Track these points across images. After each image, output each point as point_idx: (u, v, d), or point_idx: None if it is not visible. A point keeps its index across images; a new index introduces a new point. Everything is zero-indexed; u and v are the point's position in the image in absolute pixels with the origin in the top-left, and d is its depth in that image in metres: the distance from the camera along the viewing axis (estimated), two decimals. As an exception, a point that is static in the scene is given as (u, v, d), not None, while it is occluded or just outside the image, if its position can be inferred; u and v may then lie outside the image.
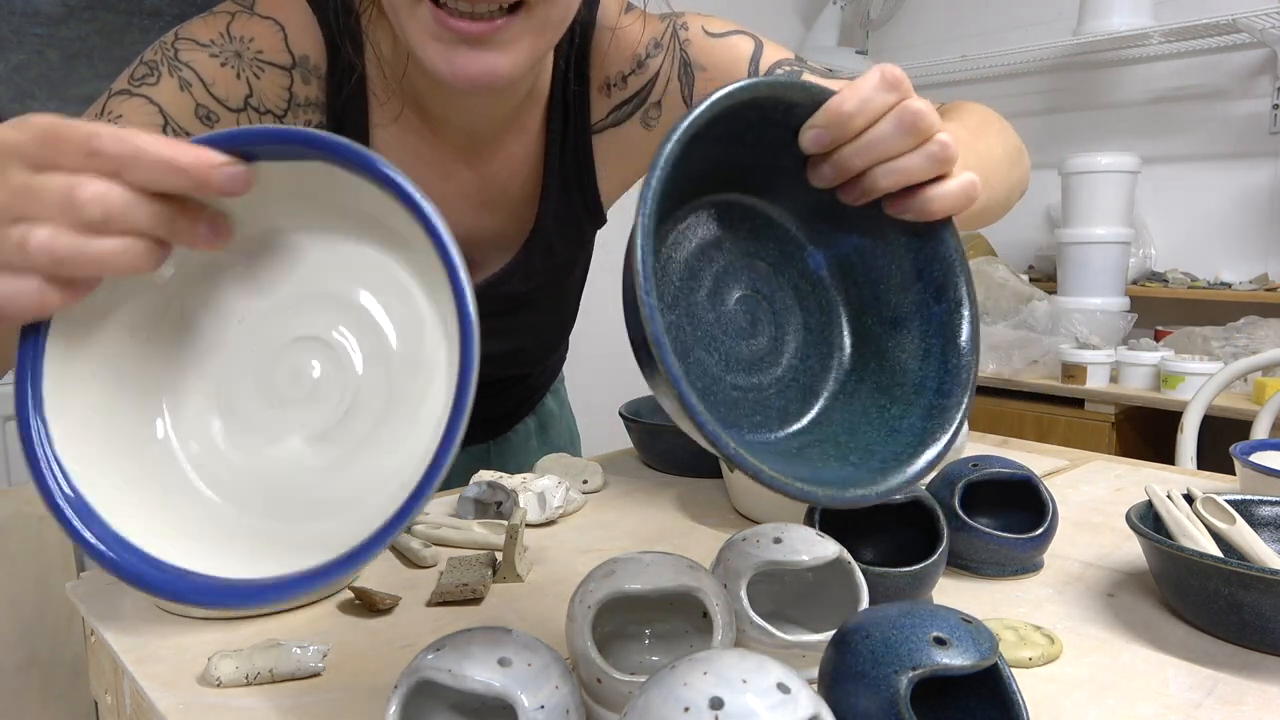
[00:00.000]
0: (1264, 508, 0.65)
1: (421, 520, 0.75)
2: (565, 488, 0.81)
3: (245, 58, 0.65)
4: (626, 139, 0.78)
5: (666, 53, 0.74)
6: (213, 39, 0.64)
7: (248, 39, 0.65)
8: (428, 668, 0.39)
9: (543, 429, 1.05)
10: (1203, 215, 2.33)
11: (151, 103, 0.62)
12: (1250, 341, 1.97)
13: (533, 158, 0.77)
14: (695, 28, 0.75)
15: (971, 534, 0.65)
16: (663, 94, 0.76)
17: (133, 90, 0.62)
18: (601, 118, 0.77)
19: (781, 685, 0.34)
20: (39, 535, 1.54)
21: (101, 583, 0.66)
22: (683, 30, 0.75)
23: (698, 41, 0.75)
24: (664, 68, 0.75)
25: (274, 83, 0.67)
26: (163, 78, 0.63)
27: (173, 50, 0.64)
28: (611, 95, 0.77)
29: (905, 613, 0.42)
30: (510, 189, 0.77)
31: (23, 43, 1.65)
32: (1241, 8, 2.02)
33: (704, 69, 0.74)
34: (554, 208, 0.79)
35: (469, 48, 0.57)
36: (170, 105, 0.63)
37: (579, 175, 0.78)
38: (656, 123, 0.77)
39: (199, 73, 0.64)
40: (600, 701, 0.45)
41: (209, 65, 0.64)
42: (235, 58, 0.65)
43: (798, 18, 2.92)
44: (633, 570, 0.47)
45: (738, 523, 0.79)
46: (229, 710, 0.49)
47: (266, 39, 0.66)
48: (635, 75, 0.75)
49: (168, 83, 0.63)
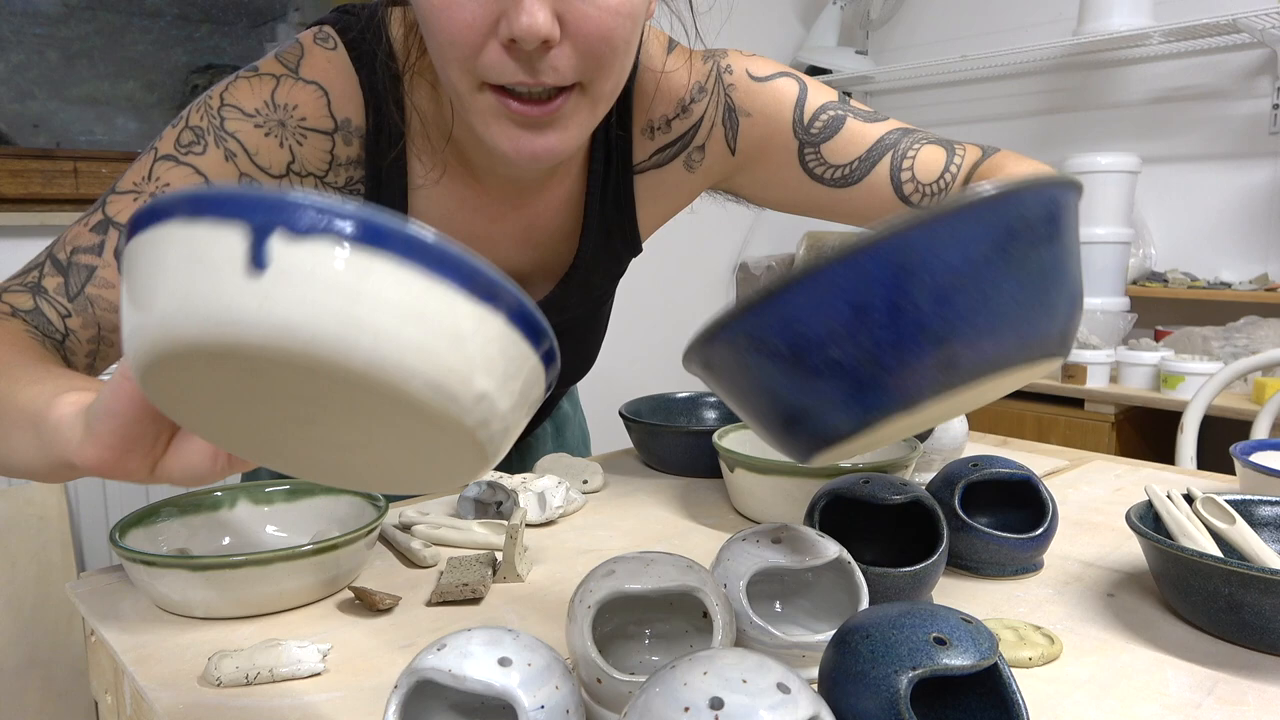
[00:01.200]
0: (1264, 508, 0.65)
1: (421, 520, 0.75)
2: (565, 488, 0.81)
3: (289, 126, 0.66)
4: (668, 179, 0.79)
5: (711, 97, 0.75)
6: (258, 108, 0.65)
7: (291, 106, 0.66)
8: (428, 668, 0.39)
9: (558, 431, 1.06)
10: (1203, 215, 2.33)
11: (198, 172, 0.64)
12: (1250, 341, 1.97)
13: (574, 197, 0.77)
14: (740, 70, 0.75)
15: (971, 534, 0.65)
16: (706, 138, 0.77)
17: (179, 158, 0.64)
18: (644, 159, 0.77)
19: (781, 685, 0.34)
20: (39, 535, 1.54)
21: (101, 583, 0.66)
22: (727, 74, 0.75)
23: (742, 86, 0.75)
24: (708, 112, 0.75)
25: (316, 147, 0.68)
26: (209, 147, 0.64)
27: (219, 119, 0.65)
28: (655, 138, 0.77)
29: (905, 613, 0.42)
30: (551, 227, 0.78)
31: (23, 43, 1.65)
32: (1241, 8, 2.02)
33: (749, 114, 0.75)
34: (594, 245, 0.79)
35: (531, 131, 0.59)
36: (215, 175, 0.65)
37: (619, 213, 0.79)
38: (699, 165, 0.78)
39: (244, 144, 0.65)
40: (600, 701, 0.45)
41: (253, 136, 0.65)
42: (279, 126, 0.66)
43: (797, 18, 2.92)
44: (633, 570, 0.47)
45: (738, 523, 0.79)
46: (229, 710, 0.49)
47: (310, 105, 0.67)
48: (680, 119, 0.76)
49: (214, 153, 0.64)
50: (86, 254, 0.62)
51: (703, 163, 0.78)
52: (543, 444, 1.04)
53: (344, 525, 0.70)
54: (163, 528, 0.67)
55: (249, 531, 0.70)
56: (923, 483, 0.72)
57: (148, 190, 0.63)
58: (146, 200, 0.57)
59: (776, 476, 0.75)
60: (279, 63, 0.67)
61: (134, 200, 0.62)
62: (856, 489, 0.61)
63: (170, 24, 1.81)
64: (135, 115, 1.79)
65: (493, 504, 0.80)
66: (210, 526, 0.70)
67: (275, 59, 0.67)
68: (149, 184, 0.63)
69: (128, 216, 0.58)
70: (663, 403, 1.06)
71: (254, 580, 0.59)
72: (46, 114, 1.70)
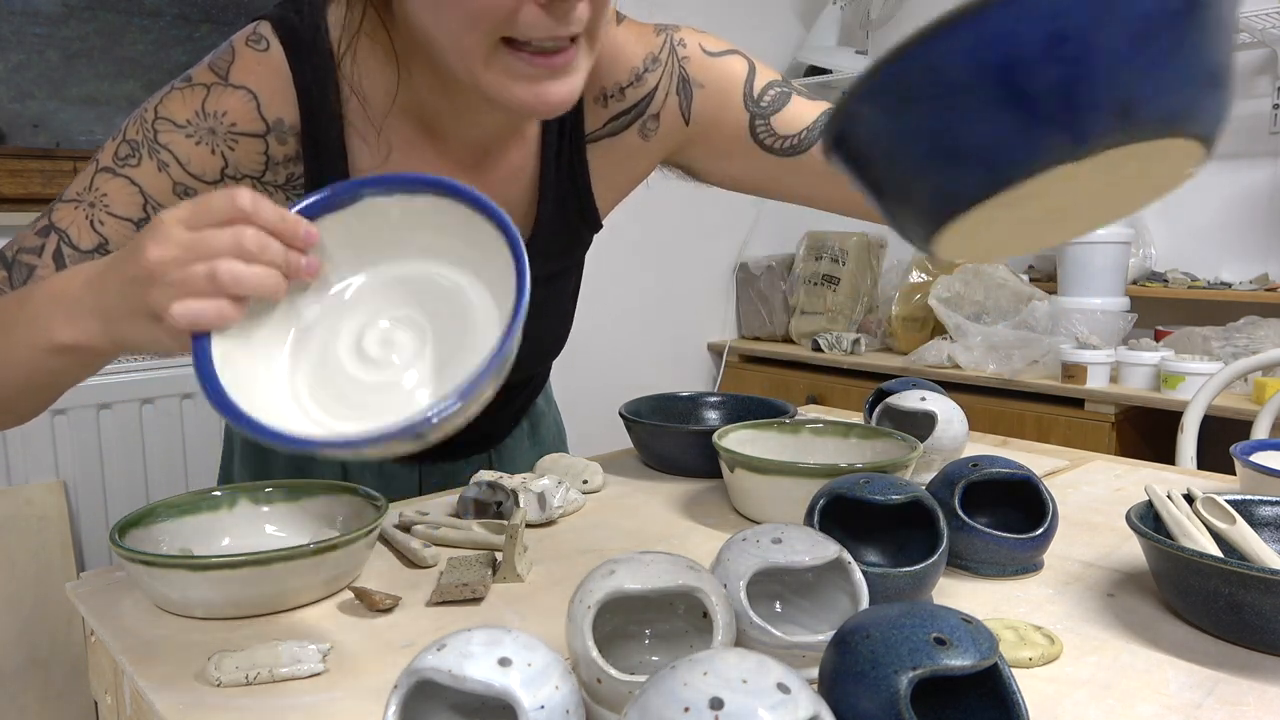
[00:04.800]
0: (1264, 508, 0.65)
1: (421, 520, 0.75)
2: (565, 488, 0.81)
3: (219, 133, 0.68)
4: (623, 148, 0.80)
5: (665, 68, 0.78)
6: (189, 119, 0.68)
7: (220, 114, 0.68)
8: (428, 668, 0.39)
9: (534, 428, 1.06)
10: (1203, 215, 2.33)
11: (133, 183, 0.67)
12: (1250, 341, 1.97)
13: (530, 166, 0.79)
14: (693, 44, 0.79)
15: (971, 534, 0.65)
16: (661, 107, 0.79)
17: (116, 170, 0.68)
18: (597, 127, 0.79)
19: (781, 685, 0.34)
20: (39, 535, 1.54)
21: (101, 583, 0.66)
22: (680, 46, 0.78)
23: (696, 59, 0.78)
24: (662, 82, 0.78)
25: (250, 150, 0.70)
26: (143, 159, 0.67)
27: (152, 131, 0.68)
28: (609, 105, 0.79)
29: (905, 613, 0.42)
30: (510, 197, 0.79)
31: (23, 43, 1.65)
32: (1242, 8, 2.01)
33: (702, 86, 0.79)
34: (550, 214, 0.80)
35: (554, 79, 0.62)
36: (150, 186, 0.68)
37: (574, 182, 0.80)
38: (654, 134, 0.80)
39: (176, 154, 0.67)
40: (600, 701, 0.45)
41: (185, 145, 0.67)
42: (210, 134, 0.68)
43: (797, 18, 2.91)
44: (633, 570, 0.47)
45: (738, 523, 0.79)
46: (229, 710, 0.49)
47: (240, 110, 0.68)
48: (633, 88, 0.78)
49: (147, 164, 0.67)
50: (29, 254, 0.66)
51: (658, 132, 0.80)
52: (519, 442, 1.04)
53: (344, 525, 0.70)
54: (163, 528, 0.67)
55: (249, 531, 0.70)
56: (923, 483, 0.72)
57: (88, 200, 0.67)
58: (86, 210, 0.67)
59: (776, 476, 0.75)
60: (210, 70, 0.69)
61: (75, 209, 0.67)
62: (856, 489, 0.61)
63: (170, 24, 1.81)
64: (135, 115, 1.80)
65: (493, 504, 0.80)
66: (210, 526, 0.70)
67: (207, 66, 0.69)
68: (89, 194, 0.67)
69: (68, 224, 0.67)
70: (663, 403, 1.06)
71: (254, 580, 0.59)
72: (46, 114, 1.70)
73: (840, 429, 0.88)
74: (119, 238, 0.67)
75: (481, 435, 0.99)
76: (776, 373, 2.61)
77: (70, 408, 1.59)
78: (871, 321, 2.60)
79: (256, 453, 0.93)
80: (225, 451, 0.98)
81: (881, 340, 2.56)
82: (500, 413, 0.99)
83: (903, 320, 2.45)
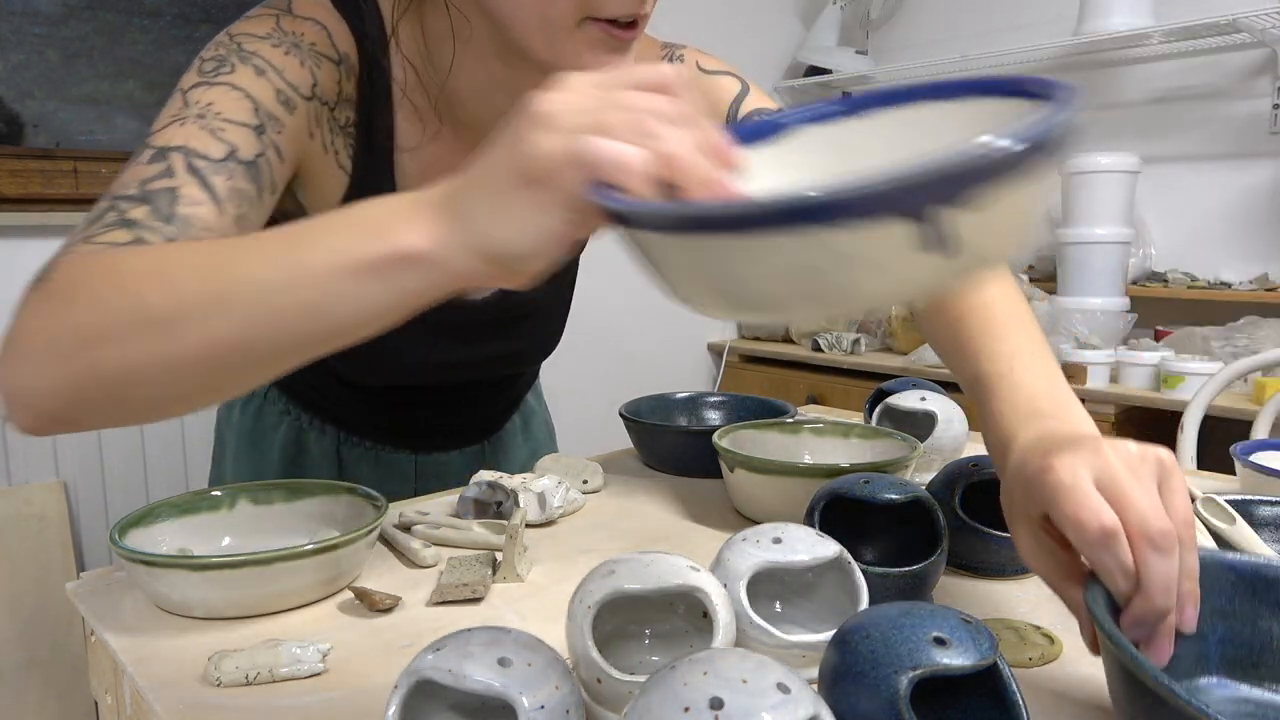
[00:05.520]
0: (1264, 508, 0.65)
1: (421, 520, 0.75)
2: (565, 488, 0.81)
3: (303, 48, 0.65)
4: None
5: None
6: (269, 32, 0.64)
7: (299, 33, 0.66)
8: (428, 668, 0.39)
9: (525, 424, 1.07)
10: (1203, 215, 2.33)
11: (234, 88, 0.60)
12: (1250, 341, 1.97)
13: None
14: (690, 60, 0.79)
15: (971, 534, 0.65)
16: None
17: (211, 81, 0.60)
18: None
19: (781, 685, 0.34)
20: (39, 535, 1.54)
21: (101, 583, 0.66)
22: (678, 61, 0.79)
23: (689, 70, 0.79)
24: None
25: (329, 74, 0.67)
26: (236, 67, 0.61)
27: (235, 44, 0.63)
28: None
29: (905, 613, 0.42)
30: None
31: (23, 43, 1.65)
32: (1241, 8, 2.01)
33: None
34: None
35: (619, 54, 0.62)
36: (253, 90, 0.61)
37: None
38: None
39: (269, 60, 0.63)
40: (600, 701, 0.45)
41: (275, 53, 0.64)
42: (295, 48, 0.65)
43: (797, 18, 2.92)
44: (633, 570, 0.47)
45: (738, 523, 0.79)
46: (229, 710, 0.49)
47: (315, 34, 0.66)
48: None
49: (243, 70, 0.61)
50: (159, 180, 0.55)
51: None
52: (513, 436, 1.05)
53: (344, 525, 0.70)
54: (163, 528, 0.67)
55: (249, 531, 0.70)
56: (923, 483, 0.72)
57: (193, 113, 0.58)
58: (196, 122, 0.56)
59: (776, 476, 0.75)
60: (268, 7, 0.67)
61: (182, 125, 0.57)
62: (856, 489, 0.61)
63: (170, 24, 1.81)
64: (135, 115, 1.79)
65: (493, 504, 0.80)
66: (210, 526, 0.70)
67: (262, 6, 0.67)
68: (191, 109, 0.58)
69: (185, 140, 0.56)
70: (663, 403, 1.06)
71: (254, 580, 0.59)
72: (46, 114, 1.70)
73: (840, 429, 0.88)
74: (246, 145, 0.59)
75: (477, 427, 1.00)
76: (776, 373, 2.61)
77: (70, 408, 1.59)
78: (871, 321, 2.60)
79: (250, 450, 0.93)
80: (216, 452, 0.98)
81: (881, 340, 2.56)
82: (495, 401, 0.99)
83: (903, 320, 2.45)
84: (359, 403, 0.91)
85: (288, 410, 0.92)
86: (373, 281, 0.40)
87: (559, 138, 0.37)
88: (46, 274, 0.49)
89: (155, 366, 0.43)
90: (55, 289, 0.47)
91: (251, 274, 0.42)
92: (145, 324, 0.43)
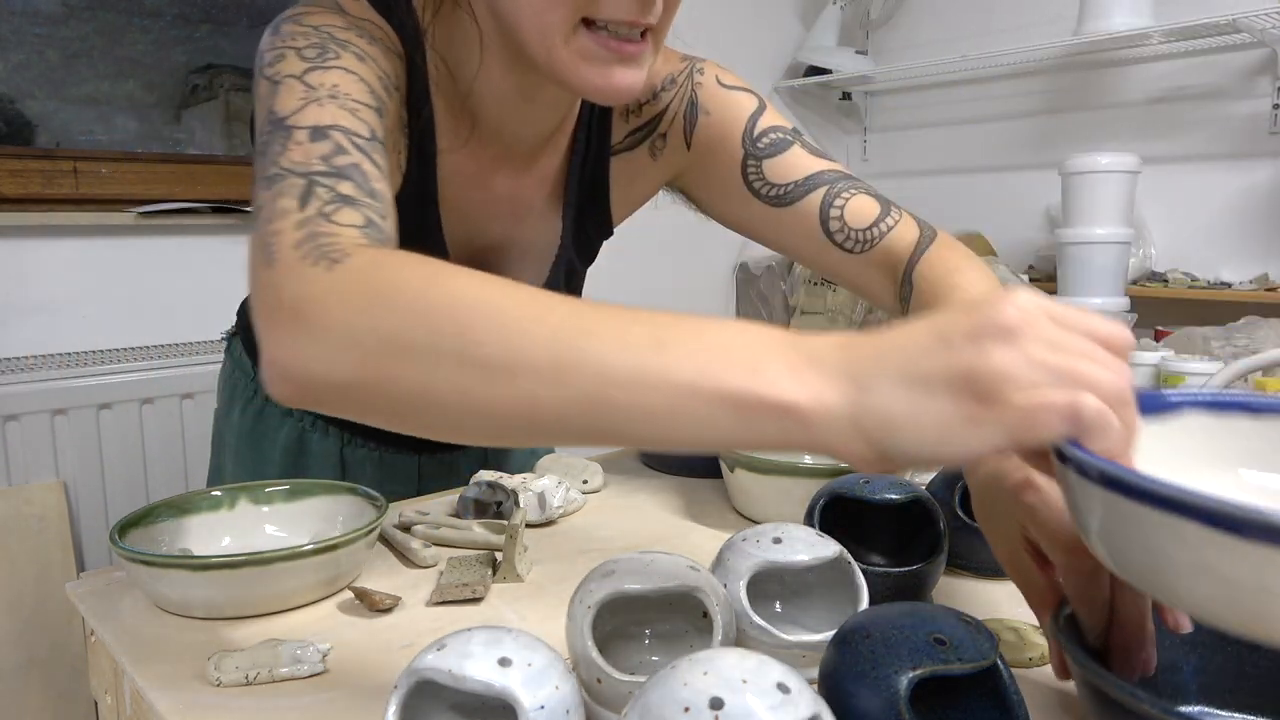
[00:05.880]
0: (1264, 508, 0.65)
1: (421, 520, 0.75)
2: (565, 488, 0.81)
3: (378, 39, 0.64)
4: (635, 164, 0.82)
5: (679, 90, 0.79)
6: (347, 24, 0.62)
7: (364, 25, 0.64)
8: (428, 668, 0.39)
9: None
10: (1203, 215, 2.33)
11: (349, 72, 0.58)
12: (1250, 341, 1.97)
13: (558, 173, 0.80)
14: (710, 74, 0.80)
15: (971, 534, 0.65)
16: (669, 127, 0.79)
17: (323, 65, 0.58)
18: (619, 140, 0.81)
19: (781, 685, 0.34)
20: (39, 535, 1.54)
21: (101, 583, 0.66)
22: (698, 74, 0.79)
23: (709, 87, 0.79)
24: (674, 103, 0.79)
25: (398, 65, 0.66)
26: (340, 53, 0.59)
27: (325, 33, 0.60)
28: (629, 120, 0.81)
29: (905, 613, 0.42)
30: (536, 202, 0.80)
31: (23, 43, 1.65)
32: (1241, 8, 2.01)
33: (708, 113, 0.78)
34: (573, 221, 0.82)
35: (623, 66, 0.61)
36: (364, 74, 0.59)
37: (594, 192, 0.82)
38: (661, 154, 0.81)
39: (362, 48, 0.61)
40: (600, 701, 0.45)
41: (362, 41, 0.62)
42: (373, 39, 0.63)
43: (797, 18, 2.91)
44: (633, 570, 0.47)
45: (738, 523, 0.79)
46: (229, 710, 0.49)
47: (375, 29, 0.65)
48: (649, 104, 0.79)
49: (347, 57, 0.59)
50: (339, 157, 0.52)
51: (664, 152, 0.81)
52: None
53: (344, 525, 0.70)
54: (163, 528, 0.67)
55: (249, 531, 0.70)
56: (923, 483, 0.72)
57: (325, 94, 0.56)
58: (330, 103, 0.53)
59: (776, 476, 0.75)
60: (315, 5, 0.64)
61: (320, 106, 0.55)
62: (856, 489, 0.61)
63: (170, 24, 1.81)
64: (135, 115, 1.79)
65: (493, 504, 0.80)
66: (210, 526, 0.70)
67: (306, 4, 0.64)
68: (316, 91, 0.56)
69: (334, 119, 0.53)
70: (663, 403, 1.06)
71: (254, 580, 0.59)
72: (46, 114, 1.70)
73: (840, 429, 0.88)
74: (377, 126, 0.57)
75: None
76: (776, 373, 2.61)
77: (70, 408, 1.59)
78: (872, 322, 2.60)
79: (251, 452, 0.93)
80: (215, 453, 0.98)
81: (881, 340, 2.56)
82: None
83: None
84: None
85: (290, 411, 0.91)
86: (729, 414, 0.37)
87: (1036, 373, 0.35)
88: (325, 250, 0.46)
89: (458, 404, 0.40)
90: (360, 279, 0.44)
91: (601, 356, 0.39)
92: (469, 364, 0.40)
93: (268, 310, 0.45)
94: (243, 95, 1.92)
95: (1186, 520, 0.32)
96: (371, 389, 0.42)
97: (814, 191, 0.76)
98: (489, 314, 0.41)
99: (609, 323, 0.40)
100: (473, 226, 0.77)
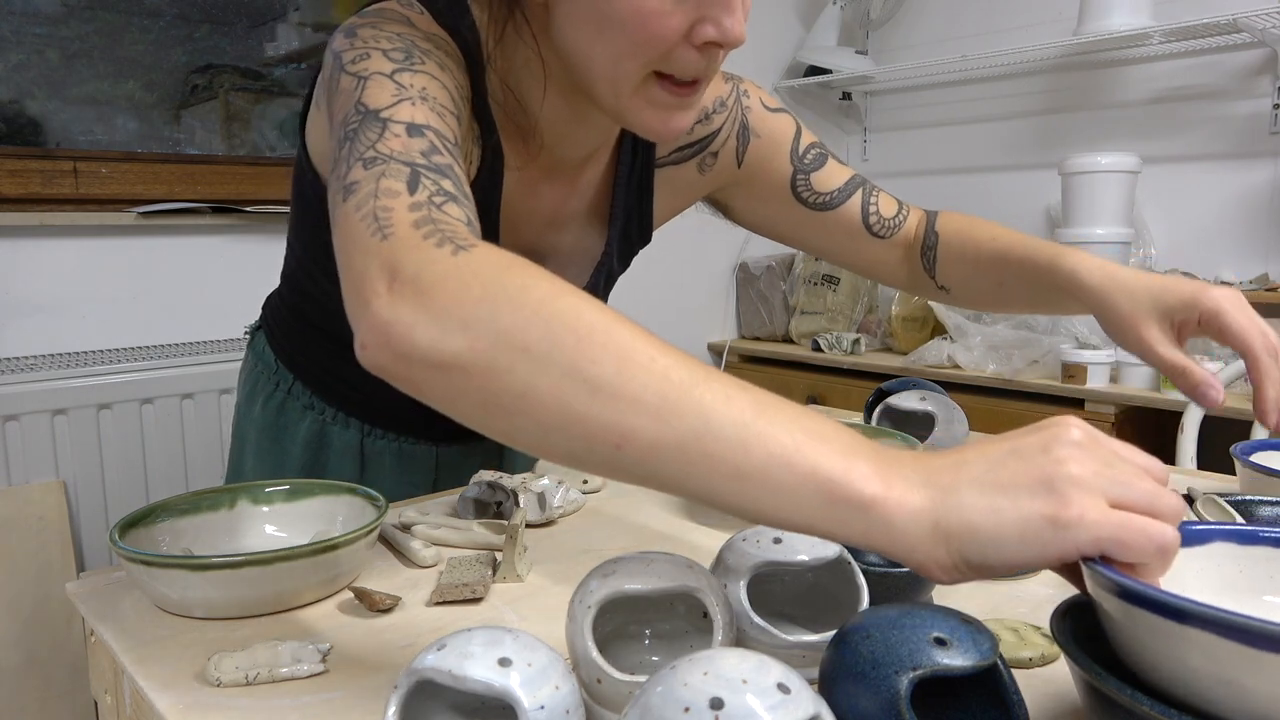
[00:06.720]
0: (1264, 508, 0.65)
1: (421, 520, 0.75)
2: (565, 488, 0.81)
3: (450, 53, 0.65)
4: (681, 178, 0.88)
5: (730, 113, 0.86)
6: (424, 35, 0.63)
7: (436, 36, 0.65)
8: (428, 668, 0.39)
9: None
10: (1203, 215, 2.33)
11: (434, 78, 0.60)
12: (1250, 341, 1.97)
13: (602, 184, 0.84)
14: (755, 98, 0.88)
15: (971, 534, 0.65)
16: (721, 147, 0.87)
17: (412, 69, 0.59)
18: (665, 155, 0.86)
19: (781, 685, 0.34)
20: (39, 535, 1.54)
21: (101, 583, 0.66)
22: (745, 97, 0.87)
23: (756, 110, 0.88)
24: (726, 125, 0.86)
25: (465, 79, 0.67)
26: (425, 60, 0.61)
27: (407, 40, 0.61)
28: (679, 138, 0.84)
29: (905, 613, 0.42)
30: (579, 211, 0.83)
31: (23, 43, 1.65)
32: (1241, 8, 2.01)
33: (759, 136, 0.88)
34: (619, 231, 0.86)
35: (680, 109, 0.66)
36: (446, 82, 0.61)
37: (639, 203, 0.86)
38: (710, 170, 0.88)
39: (441, 59, 0.63)
40: (600, 701, 0.45)
41: (438, 54, 0.63)
42: (445, 54, 0.64)
43: (797, 18, 2.91)
44: (633, 570, 0.47)
45: (738, 523, 0.79)
46: (229, 710, 0.49)
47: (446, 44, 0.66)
48: (701, 125, 0.86)
49: (430, 64, 0.61)
50: (436, 155, 0.54)
51: (714, 168, 0.88)
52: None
53: (344, 525, 0.70)
54: (163, 528, 0.67)
55: (249, 531, 0.70)
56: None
57: (415, 95, 0.57)
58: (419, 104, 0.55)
59: (776, 476, 0.74)
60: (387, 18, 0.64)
61: (413, 105, 0.56)
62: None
63: (170, 24, 1.81)
64: (135, 115, 1.79)
65: (493, 504, 0.80)
66: (210, 526, 0.70)
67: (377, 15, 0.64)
68: (406, 91, 0.57)
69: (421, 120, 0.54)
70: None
71: (254, 580, 0.59)
72: (46, 114, 1.70)
73: (840, 429, 0.88)
74: (459, 136, 0.59)
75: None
76: (776, 373, 2.61)
77: (70, 408, 1.59)
78: (871, 321, 2.60)
79: (272, 445, 0.93)
80: (235, 448, 0.98)
81: (881, 340, 2.56)
82: None
83: (903, 320, 2.45)
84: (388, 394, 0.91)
85: (311, 405, 0.92)
86: (816, 495, 0.38)
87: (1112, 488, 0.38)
88: (448, 235, 0.47)
89: (554, 413, 0.41)
90: (488, 270, 0.45)
91: (709, 406, 0.40)
92: (578, 377, 0.41)
93: (384, 277, 0.45)
94: (242, 95, 1.92)
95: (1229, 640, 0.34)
96: (473, 376, 0.42)
97: (855, 193, 0.89)
98: (609, 337, 0.42)
99: (715, 380, 0.41)
100: (521, 235, 0.79)
